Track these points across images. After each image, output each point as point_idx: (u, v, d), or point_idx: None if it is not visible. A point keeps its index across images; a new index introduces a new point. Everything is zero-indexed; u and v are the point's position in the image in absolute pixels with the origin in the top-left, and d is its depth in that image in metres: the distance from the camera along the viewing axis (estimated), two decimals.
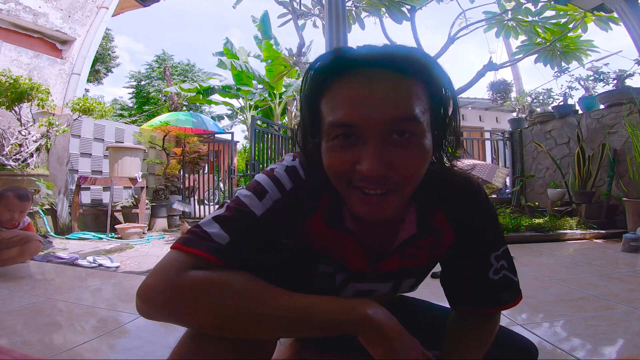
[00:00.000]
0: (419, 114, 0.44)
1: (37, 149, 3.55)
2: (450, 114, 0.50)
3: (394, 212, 0.48)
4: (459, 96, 4.63)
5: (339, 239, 0.57)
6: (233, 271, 0.46)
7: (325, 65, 0.48)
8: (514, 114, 6.32)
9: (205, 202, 5.71)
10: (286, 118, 9.44)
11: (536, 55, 4.44)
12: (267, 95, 8.80)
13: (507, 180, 5.46)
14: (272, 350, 0.55)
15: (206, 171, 5.88)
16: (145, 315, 0.45)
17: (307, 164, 0.55)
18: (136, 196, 4.42)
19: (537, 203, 4.69)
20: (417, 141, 0.45)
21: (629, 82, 3.94)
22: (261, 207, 0.50)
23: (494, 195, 4.92)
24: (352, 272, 0.60)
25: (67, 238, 3.43)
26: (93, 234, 3.60)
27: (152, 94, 14.86)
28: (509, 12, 4.37)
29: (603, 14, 3.98)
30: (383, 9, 4.40)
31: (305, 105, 0.50)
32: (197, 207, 5.28)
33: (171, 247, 0.48)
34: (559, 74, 4.85)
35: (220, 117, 12.93)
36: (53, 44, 4.37)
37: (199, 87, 8.33)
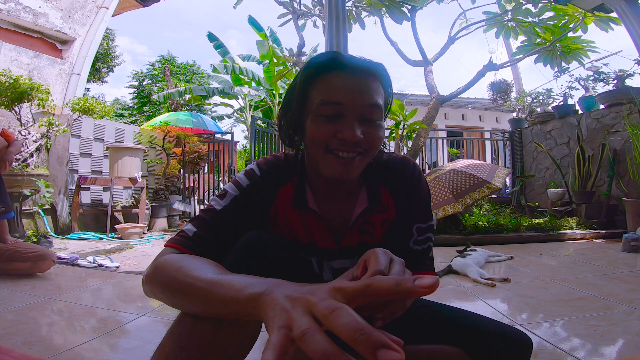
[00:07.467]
0: (380, 103, 0.62)
1: (37, 149, 3.55)
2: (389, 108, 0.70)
3: (357, 173, 0.63)
4: (460, 96, 4.63)
5: (305, 219, 0.69)
6: (188, 255, 0.55)
7: (320, 62, 0.63)
8: (514, 114, 6.32)
9: (205, 202, 5.70)
10: None
11: (536, 55, 4.43)
12: (266, 95, 8.79)
13: (507, 180, 5.45)
14: (255, 335, 0.55)
15: (206, 171, 5.87)
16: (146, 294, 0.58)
17: (265, 163, 0.70)
18: (136, 196, 4.42)
19: (537, 203, 4.69)
20: (378, 122, 0.62)
21: (629, 82, 3.94)
22: (221, 204, 0.65)
23: (494, 196, 4.91)
24: (322, 250, 0.70)
25: (67, 238, 3.43)
26: (93, 234, 3.59)
27: (154, 94, 14.86)
28: (509, 13, 4.37)
29: (603, 14, 3.98)
30: (383, 9, 4.40)
31: (300, 92, 0.64)
32: (197, 207, 5.26)
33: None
34: (559, 74, 4.84)
35: (220, 117, 12.92)
36: (53, 44, 4.37)
37: (185, 91, 8.16)
